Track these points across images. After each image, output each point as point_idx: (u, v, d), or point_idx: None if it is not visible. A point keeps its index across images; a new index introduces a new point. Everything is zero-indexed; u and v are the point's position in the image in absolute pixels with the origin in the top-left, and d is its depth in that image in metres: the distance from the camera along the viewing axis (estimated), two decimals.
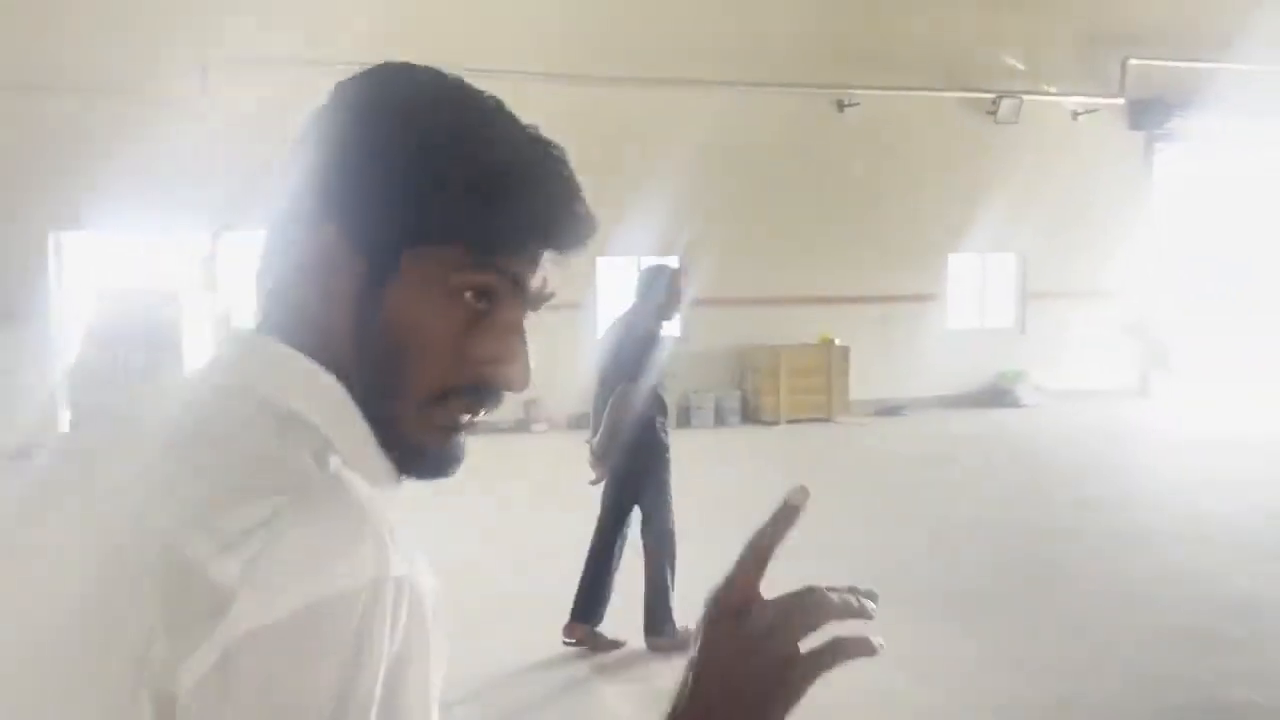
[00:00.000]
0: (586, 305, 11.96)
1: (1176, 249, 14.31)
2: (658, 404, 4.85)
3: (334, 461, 0.67)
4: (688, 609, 4.85)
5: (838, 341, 12.69)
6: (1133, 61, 13.47)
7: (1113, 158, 13.88)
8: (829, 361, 12.59)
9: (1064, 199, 13.58)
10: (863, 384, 12.65)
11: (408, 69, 0.76)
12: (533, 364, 0.75)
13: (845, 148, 12.89)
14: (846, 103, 12.78)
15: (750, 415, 12.44)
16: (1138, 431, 11.94)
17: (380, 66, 0.76)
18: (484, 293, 0.72)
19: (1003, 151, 13.31)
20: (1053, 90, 13.38)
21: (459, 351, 0.71)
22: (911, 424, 12.30)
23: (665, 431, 4.90)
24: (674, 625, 4.85)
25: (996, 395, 13.36)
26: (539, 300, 0.75)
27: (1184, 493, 8.10)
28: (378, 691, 0.60)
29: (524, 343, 0.74)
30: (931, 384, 13.22)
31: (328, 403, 0.70)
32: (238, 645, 0.57)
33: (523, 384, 0.75)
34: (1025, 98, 13.10)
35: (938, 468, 9.45)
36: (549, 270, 0.75)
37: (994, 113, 13.14)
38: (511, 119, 0.76)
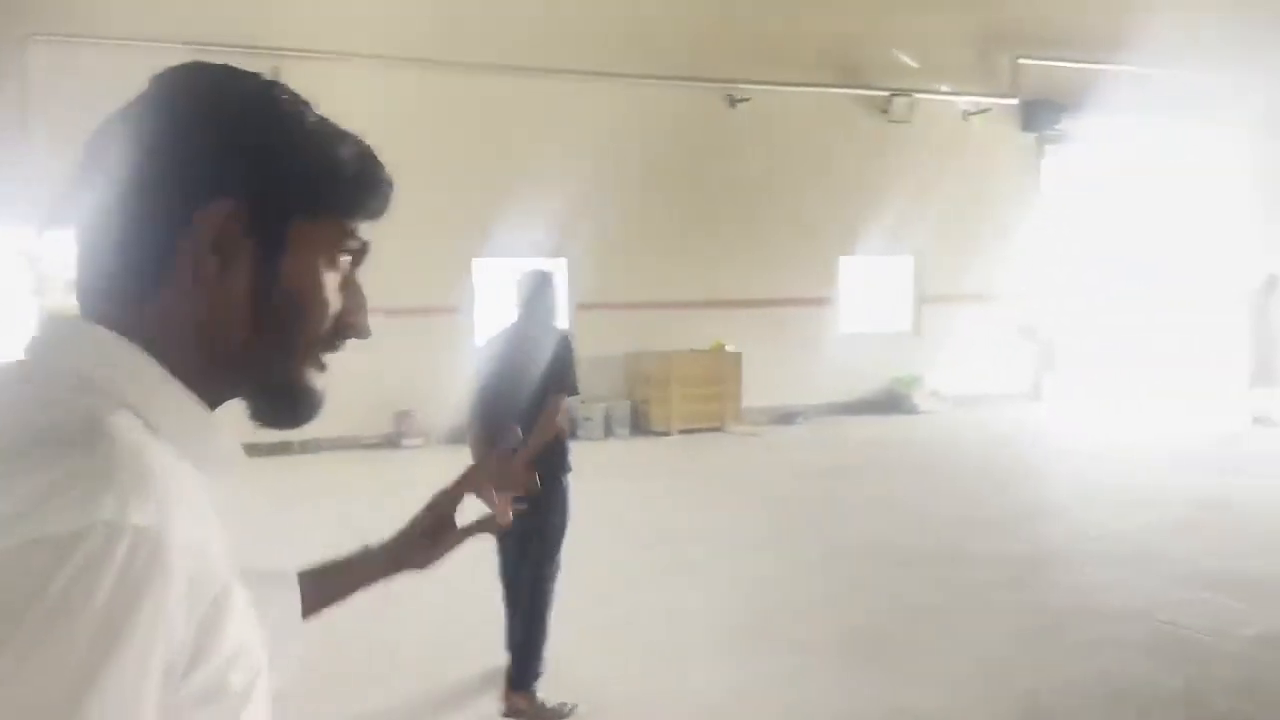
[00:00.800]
0: (464, 311, 11.17)
1: (1066, 250, 14.22)
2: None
3: (118, 419, 0.69)
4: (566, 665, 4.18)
5: (730, 347, 12.16)
6: (1023, 61, 13.32)
7: (1005, 158, 13.71)
8: (721, 368, 12.05)
9: (957, 200, 13.36)
10: (756, 391, 12.15)
11: (227, 69, 0.81)
12: (408, 374, 0.71)
13: (736, 145, 12.38)
14: (737, 98, 12.26)
15: (640, 426, 11.80)
16: (1033, 437, 11.72)
17: (198, 66, 0.81)
18: (352, 258, 0.85)
19: (896, 151, 12.99)
20: (945, 89, 13.12)
21: (336, 307, 0.83)
22: (806, 433, 11.84)
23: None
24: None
25: (892, 401, 13.03)
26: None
27: (1087, 506, 7.75)
28: (84, 642, 0.58)
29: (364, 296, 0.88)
30: (826, 390, 12.81)
31: (133, 370, 0.74)
32: None
33: (368, 332, 0.86)
34: (918, 96, 12.80)
35: (831, 481, 8.95)
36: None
37: (887, 111, 12.80)
38: (326, 120, 0.85)
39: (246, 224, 0.76)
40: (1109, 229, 14.35)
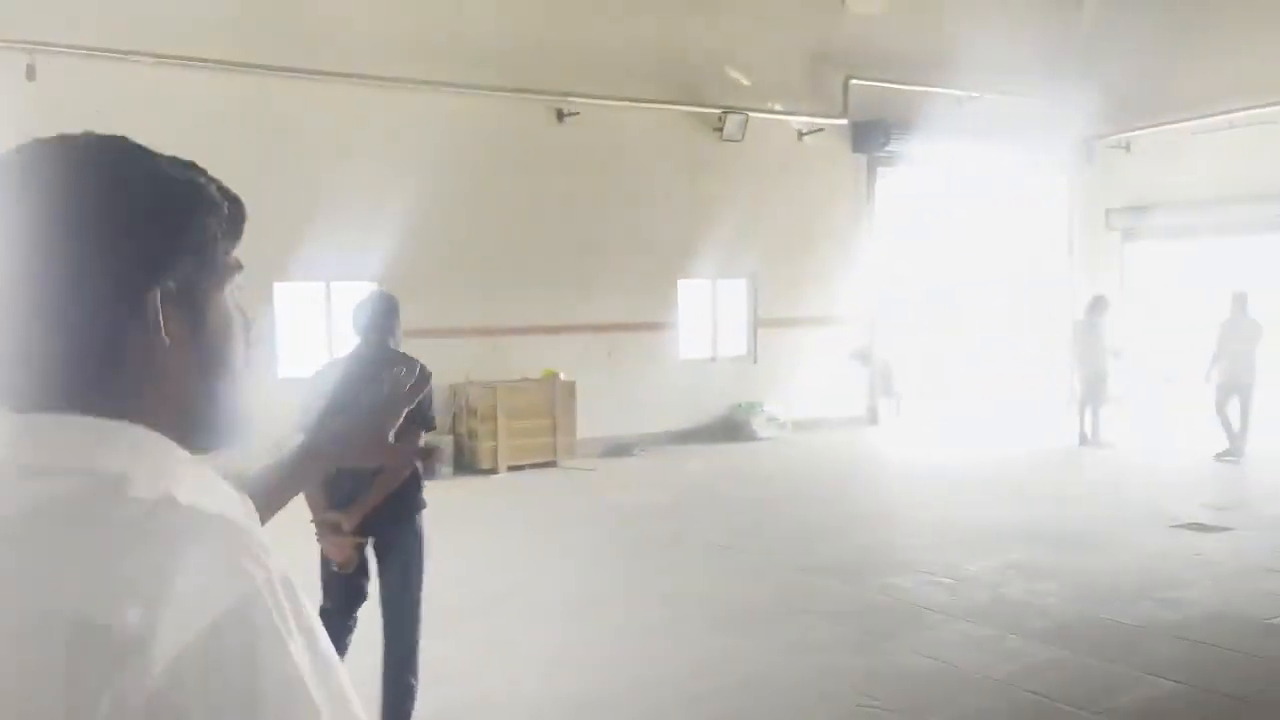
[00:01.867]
0: (265, 335, 10.00)
1: (900, 274, 14.19)
2: None
3: (177, 492, 0.78)
4: None
5: (563, 376, 11.42)
6: (855, 82, 13.19)
7: (838, 179, 13.55)
8: (553, 399, 11.28)
9: (792, 222, 13.09)
10: (591, 422, 11.44)
11: (93, 139, 0.85)
12: None
13: (566, 161, 11.68)
14: (566, 111, 11.58)
15: (466, 463, 10.88)
16: (872, 467, 11.48)
17: (68, 142, 0.84)
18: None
19: (730, 171, 12.59)
20: (778, 108, 12.83)
21: (238, 342, 0.91)
22: (642, 466, 11.21)
23: None
24: None
25: (731, 429, 12.58)
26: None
27: (936, 548, 7.39)
28: (302, 667, 0.73)
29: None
30: (664, 419, 12.25)
31: (144, 448, 0.81)
32: (162, 682, 0.68)
33: (249, 360, 0.93)
34: (751, 115, 12.45)
35: (664, 522, 8.31)
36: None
37: (720, 129, 12.39)
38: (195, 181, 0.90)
39: (178, 297, 0.84)
40: (940, 252, 14.42)
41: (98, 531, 0.72)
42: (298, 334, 10.38)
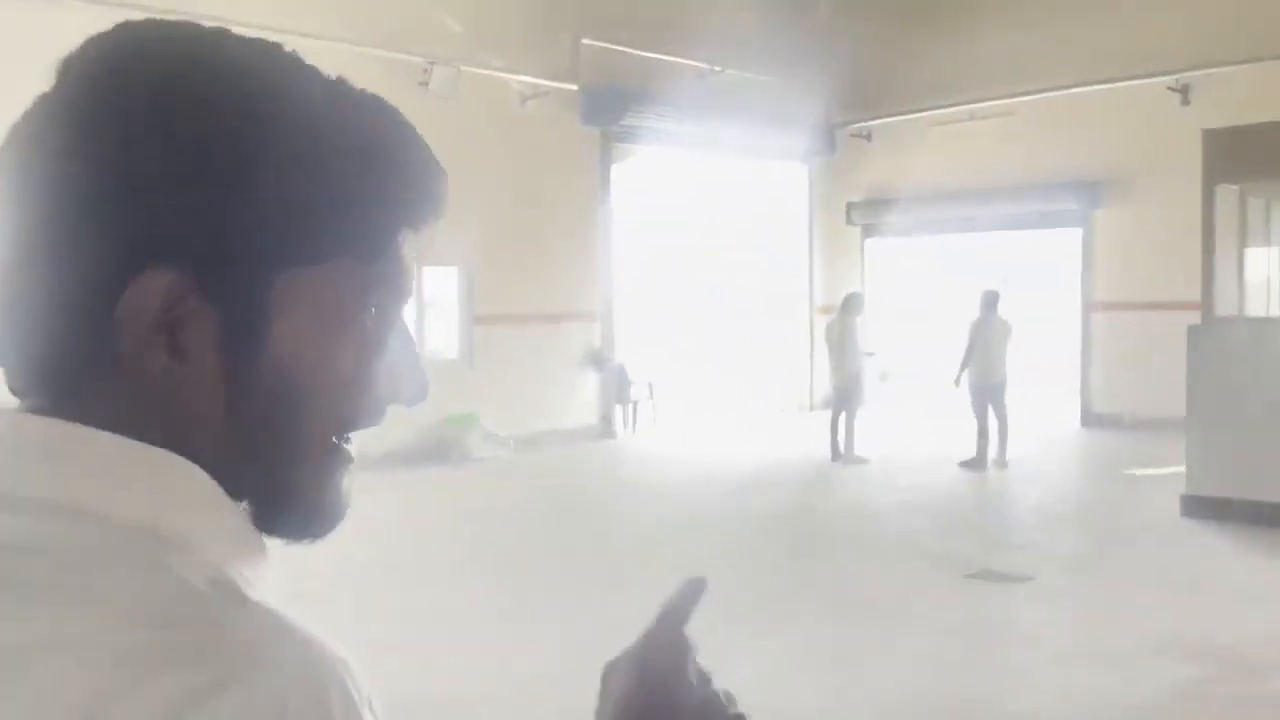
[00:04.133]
0: None
1: (636, 265, 12.59)
2: None
3: (228, 579, 0.51)
4: None
5: None
6: (587, 42, 11.40)
7: (567, 154, 11.72)
8: None
9: (514, 201, 11.11)
10: None
11: (166, 30, 0.54)
12: None
13: None
14: None
15: None
16: (604, 496, 9.72)
17: (128, 30, 0.54)
18: (380, 306, 0.58)
19: (438, 137, 10.23)
20: (497, 64, 10.80)
21: (362, 380, 0.58)
22: None
23: None
24: None
25: (440, 449, 10.41)
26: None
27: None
28: None
29: (415, 347, 0.63)
30: (357, 438, 9.88)
31: (191, 498, 0.53)
32: None
33: (424, 396, 0.64)
34: (464, 69, 10.34)
35: (314, 607, 6.07)
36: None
37: (427, 83, 10.19)
38: (334, 83, 0.57)
39: (204, 288, 0.52)
40: (680, 242, 12.95)
41: (104, 614, 0.47)
42: None
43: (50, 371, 0.53)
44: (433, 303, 10.97)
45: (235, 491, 0.55)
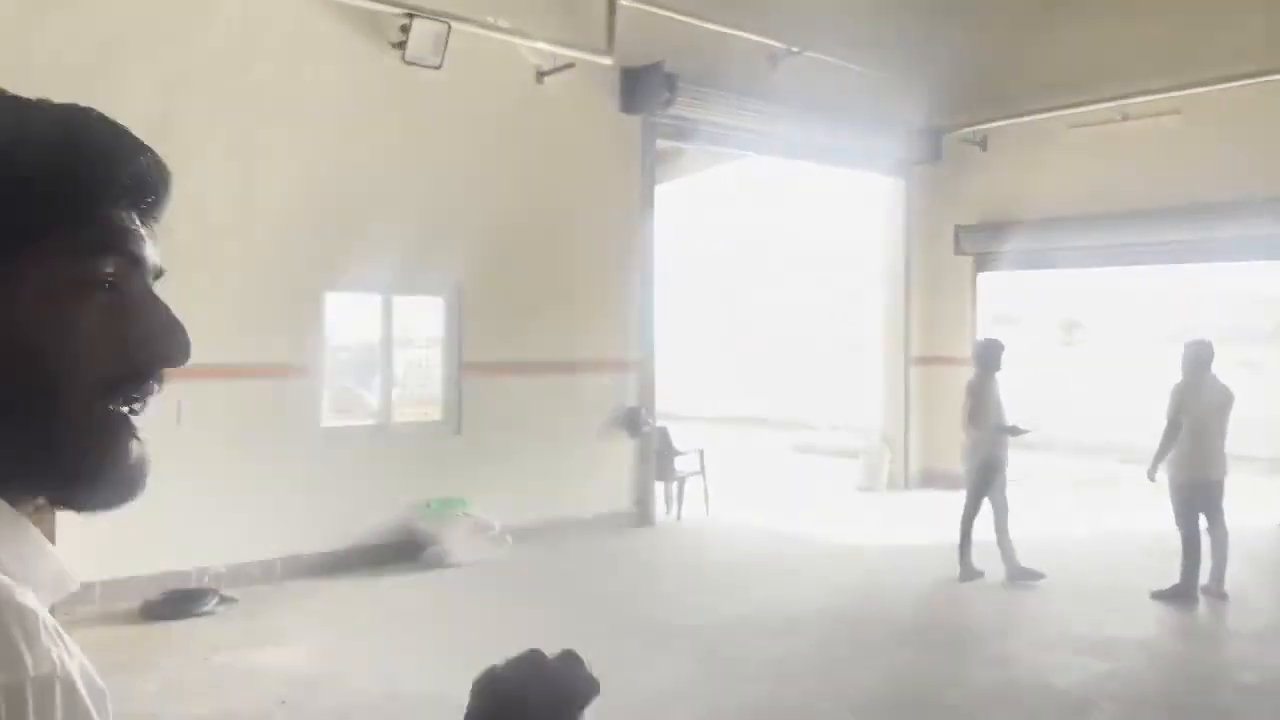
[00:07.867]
0: None
1: (684, 302, 9.69)
2: None
3: None
4: None
5: None
6: (625, 3, 8.62)
7: (597, 150, 8.88)
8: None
9: (523, 210, 8.29)
10: (129, 545, 6.13)
11: None
12: None
13: (116, 63, 6.35)
14: None
15: None
16: (652, 608, 6.71)
17: None
18: (108, 276, 0.65)
19: (419, 118, 7.66)
20: (503, 24, 8.02)
21: (110, 344, 0.64)
22: (212, 630, 5.95)
23: None
24: None
25: (409, 547, 7.51)
26: (157, 271, 0.69)
27: None
28: None
29: (169, 310, 0.68)
30: (285, 534, 7.08)
31: None
32: None
33: (186, 353, 0.68)
34: (454, 26, 7.55)
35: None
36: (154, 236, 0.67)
37: (402, 45, 7.42)
38: (18, 98, 0.67)
39: None
40: (741, 271, 10.07)
41: None
42: None
43: None
44: (405, 342, 8.14)
45: (18, 474, 0.59)
